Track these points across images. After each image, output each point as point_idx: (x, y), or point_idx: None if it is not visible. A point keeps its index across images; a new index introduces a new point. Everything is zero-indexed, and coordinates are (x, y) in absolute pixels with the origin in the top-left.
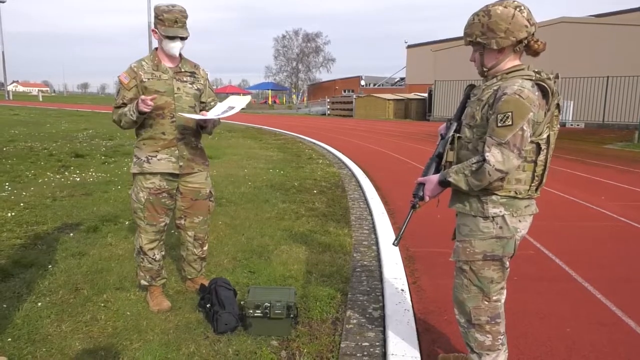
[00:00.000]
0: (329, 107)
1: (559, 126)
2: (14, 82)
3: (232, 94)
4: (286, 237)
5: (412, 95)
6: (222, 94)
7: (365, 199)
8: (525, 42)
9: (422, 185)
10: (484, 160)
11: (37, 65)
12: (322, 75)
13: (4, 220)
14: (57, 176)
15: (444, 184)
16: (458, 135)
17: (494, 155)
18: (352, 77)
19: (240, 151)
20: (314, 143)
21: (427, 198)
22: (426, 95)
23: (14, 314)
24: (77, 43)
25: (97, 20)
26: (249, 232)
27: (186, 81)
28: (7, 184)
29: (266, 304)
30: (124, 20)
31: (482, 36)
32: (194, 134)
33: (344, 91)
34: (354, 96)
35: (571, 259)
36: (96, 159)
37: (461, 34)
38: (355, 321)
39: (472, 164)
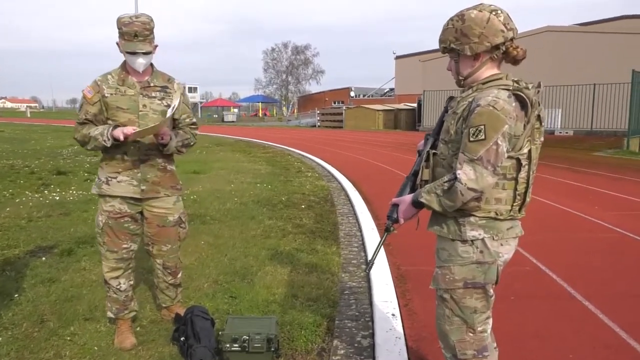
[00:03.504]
0: (319, 118)
1: (542, 139)
2: (2, 98)
3: (223, 107)
4: (271, 257)
5: (401, 106)
6: (212, 107)
7: (355, 214)
8: (503, 48)
9: (396, 206)
10: (456, 178)
11: (26, 81)
12: (312, 87)
13: None
14: (36, 195)
15: (416, 204)
16: (433, 151)
17: (465, 173)
18: (342, 89)
19: (228, 165)
20: (303, 155)
21: (401, 220)
22: (415, 105)
23: None
24: (66, 57)
25: (87, 33)
26: (232, 252)
27: (154, 97)
28: None
29: (244, 336)
30: (115, 33)
31: (455, 42)
32: (162, 155)
33: (334, 102)
34: (344, 107)
35: (569, 274)
36: (79, 176)
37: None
38: (342, 351)
39: (444, 182)
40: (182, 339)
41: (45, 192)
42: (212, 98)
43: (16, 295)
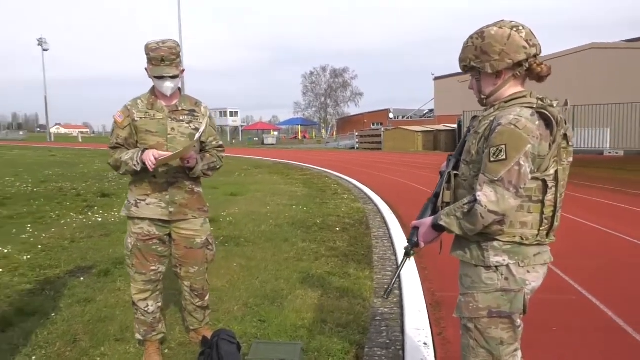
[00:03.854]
0: (357, 140)
1: (570, 160)
2: (56, 124)
3: (263, 131)
4: (302, 281)
5: (441, 127)
6: (253, 130)
7: (390, 237)
8: (526, 65)
9: (416, 229)
10: (476, 200)
11: (79, 108)
12: (351, 109)
13: (18, 264)
14: (80, 217)
15: (437, 227)
16: (455, 172)
17: (486, 195)
18: (381, 110)
19: (265, 187)
20: (340, 177)
21: (421, 244)
22: (455, 126)
23: None
24: (116, 85)
25: (134, 63)
26: (264, 274)
27: (182, 120)
28: (29, 225)
29: None
30: None
31: (476, 60)
32: (189, 178)
33: (373, 124)
34: (382, 129)
35: (622, 306)
36: (122, 198)
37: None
38: None
39: (464, 204)
40: None
41: (89, 213)
42: (253, 121)
43: (53, 314)
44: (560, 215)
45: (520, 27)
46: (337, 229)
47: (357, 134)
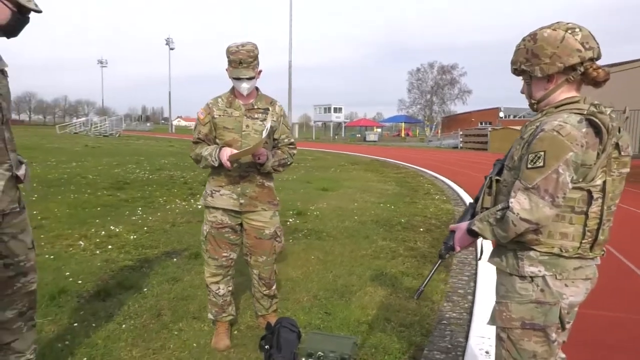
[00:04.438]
0: (461, 139)
1: (623, 170)
2: (178, 117)
3: (366, 127)
4: (374, 278)
5: None
6: (356, 127)
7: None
8: (581, 69)
9: (453, 233)
10: (508, 207)
11: (198, 102)
12: (457, 107)
13: (125, 242)
14: (183, 203)
15: (471, 232)
16: (497, 177)
17: (519, 202)
18: (491, 109)
19: (357, 184)
20: (436, 177)
21: (457, 248)
22: None
23: (98, 333)
24: (228, 80)
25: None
26: (338, 269)
27: (257, 118)
28: (139, 208)
29: (320, 353)
30: (269, 58)
31: (526, 63)
32: (260, 173)
33: (481, 123)
34: (489, 128)
35: None
36: None
37: (610, 60)
38: None
39: (498, 210)
40: (266, 347)
41: (192, 200)
42: (357, 118)
43: (145, 290)
44: (609, 229)
45: (577, 29)
46: (421, 229)
47: (461, 132)
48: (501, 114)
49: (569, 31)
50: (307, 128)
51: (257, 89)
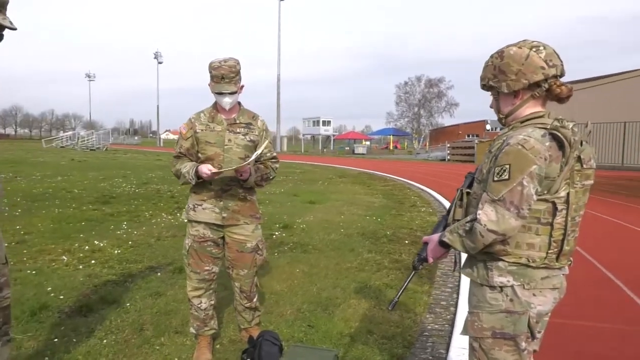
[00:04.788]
0: (448, 152)
1: (586, 182)
2: (166, 130)
3: (354, 140)
4: (359, 291)
5: None
6: (345, 139)
7: (459, 253)
8: (546, 85)
9: (426, 244)
10: (476, 218)
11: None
12: (445, 120)
13: (109, 257)
14: (169, 217)
15: (443, 244)
16: (467, 190)
17: (486, 214)
18: (477, 122)
19: (345, 197)
20: (422, 190)
21: (430, 259)
22: None
23: (79, 349)
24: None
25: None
26: (323, 282)
27: (239, 132)
28: (125, 223)
29: None
30: (259, 73)
31: (493, 79)
32: (243, 187)
33: (468, 135)
34: (476, 140)
35: None
36: None
37: (590, 75)
38: None
39: (466, 222)
40: (248, 359)
41: (178, 214)
42: (346, 130)
43: (128, 304)
44: (575, 240)
45: (541, 48)
46: (406, 241)
47: (448, 145)
48: (488, 127)
49: (534, 49)
50: (295, 141)
51: (239, 103)
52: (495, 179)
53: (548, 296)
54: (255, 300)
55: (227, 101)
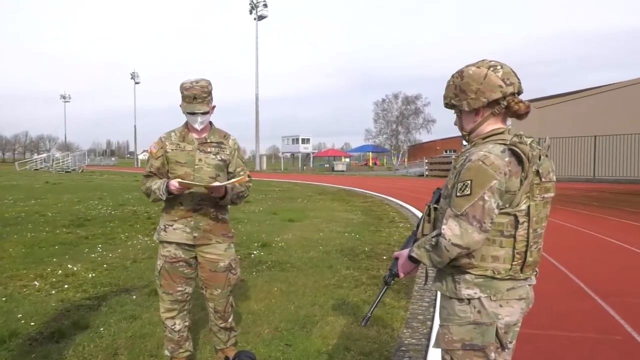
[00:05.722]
0: (427, 167)
1: (546, 195)
2: (144, 151)
3: (334, 157)
4: (337, 307)
5: None
6: (325, 157)
7: (426, 270)
8: (504, 103)
9: (397, 260)
10: (441, 234)
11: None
12: (423, 136)
13: (83, 281)
14: (146, 238)
15: (412, 259)
16: (434, 206)
17: (450, 228)
18: (454, 137)
19: (324, 214)
20: (401, 205)
21: (400, 274)
22: None
23: None
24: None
25: (216, 92)
26: (301, 300)
27: (210, 152)
28: (100, 245)
29: None
30: (236, 91)
31: (455, 98)
32: (214, 205)
33: (446, 151)
34: (453, 156)
35: None
36: None
37: (568, 89)
38: None
39: (432, 237)
40: None
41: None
42: (325, 148)
43: (102, 329)
44: (538, 251)
45: (498, 67)
46: (385, 257)
47: (426, 161)
48: (464, 142)
49: (491, 69)
50: (275, 159)
51: (210, 123)
52: (458, 194)
53: (515, 307)
54: (230, 320)
55: (199, 121)
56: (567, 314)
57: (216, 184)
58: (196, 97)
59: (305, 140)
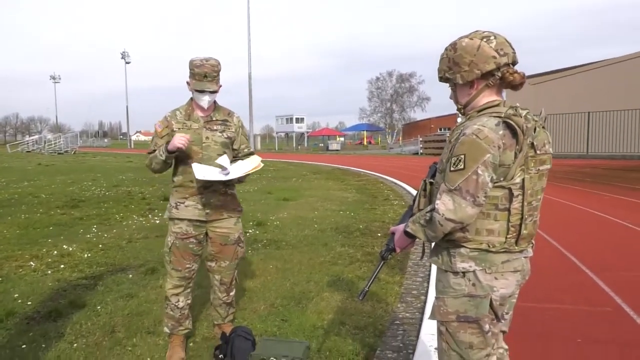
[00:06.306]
0: (421, 146)
1: (541, 168)
2: (137, 132)
3: (328, 137)
4: (332, 284)
5: None
6: (319, 136)
7: (431, 244)
8: (499, 74)
9: (394, 235)
10: (434, 208)
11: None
12: (417, 115)
13: (79, 261)
14: (141, 219)
15: (407, 234)
16: (430, 180)
17: (444, 203)
18: (449, 115)
19: (318, 193)
20: (395, 183)
21: (397, 249)
22: None
23: (48, 354)
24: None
25: None
26: (296, 277)
27: (216, 130)
28: (95, 226)
29: (272, 358)
30: (228, 70)
31: (449, 71)
32: (223, 182)
33: (440, 129)
34: (447, 134)
35: None
36: None
37: (562, 65)
38: None
39: (426, 212)
40: (220, 356)
41: (149, 216)
42: (319, 127)
43: (98, 307)
44: (534, 223)
45: (492, 37)
46: (379, 234)
47: (420, 139)
48: (459, 119)
49: (484, 39)
50: (269, 139)
51: (215, 101)
52: (452, 169)
53: (510, 279)
54: (232, 294)
55: (207, 99)
56: (559, 288)
57: (233, 173)
58: (207, 75)
59: (300, 120)
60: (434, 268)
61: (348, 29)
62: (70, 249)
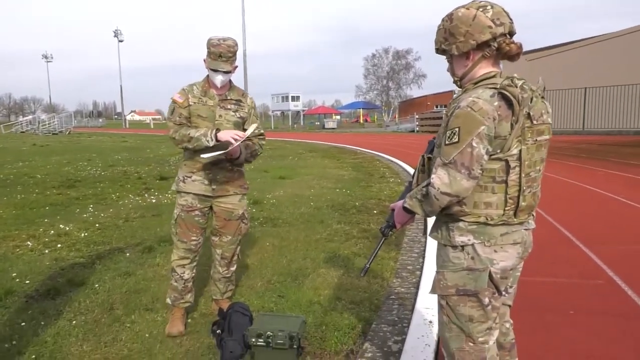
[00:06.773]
0: (417, 123)
1: (539, 138)
2: (131, 111)
3: (325, 115)
4: (328, 260)
5: None
6: (315, 114)
7: (425, 220)
8: (495, 45)
9: (394, 211)
10: (430, 183)
11: (152, 95)
12: (414, 92)
13: (76, 240)
14: (137, 198)
15: (405, 209)
16: (429, 155)
17: (439, 177)
18: (445, 92)
19: (314, 171)
20: (392, 161)
21: (397, 225)
22: None
23: (48, 331)
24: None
25: (197, 51)
26: (293, 254)
27: (230, 109)
28: (91, 206)
29: (269, 333)
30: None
31: (445, 42)
32: (233, 164)
33: (436, 106)
34: (444, 111)
35: None
36: None
37: (559, 41)
38: (370, 354)
39: (422, 187)
40: (218, 332)
41: (145, 195)
42: (315, 105)
43: (96, 285)
44: (533, 195)
45: (488, 7)
46: (375, 211)
47: (417, 116)
48: (457, 88)
49: (480, 9)
50: (265, 117)
51: (230, 81)
52: (447, 142)
53: (510, 251)
54: (232, 269)
55: (220, 79)
56: (554, 262)
57: (232, 141)
58: (222, 55)
59: (295, 98)
60: (429, 244)
61: (345, 6)
62: (67, 228)
